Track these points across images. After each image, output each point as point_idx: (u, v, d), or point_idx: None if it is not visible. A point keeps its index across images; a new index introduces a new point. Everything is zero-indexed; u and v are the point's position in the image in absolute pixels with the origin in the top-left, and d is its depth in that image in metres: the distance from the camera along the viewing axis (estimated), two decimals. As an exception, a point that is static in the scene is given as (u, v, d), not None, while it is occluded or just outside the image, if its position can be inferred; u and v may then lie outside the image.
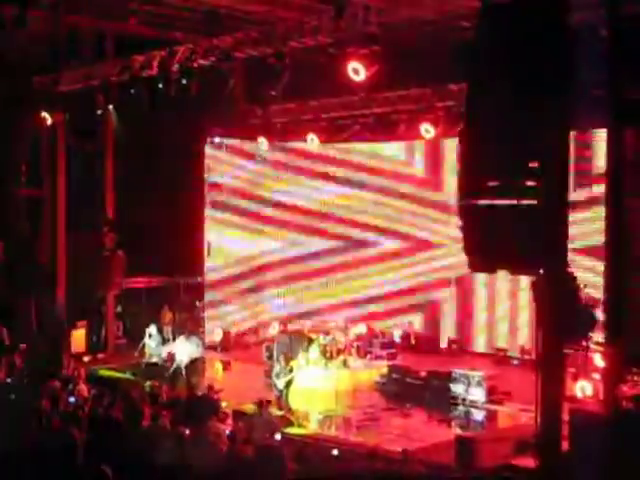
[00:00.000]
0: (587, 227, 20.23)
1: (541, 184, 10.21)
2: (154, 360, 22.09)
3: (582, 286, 15.31)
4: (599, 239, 15.36)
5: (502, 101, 10.51)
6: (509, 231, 10.35)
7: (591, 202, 20.63)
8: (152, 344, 22.73)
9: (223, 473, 11.61)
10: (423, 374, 20.74)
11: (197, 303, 27.04)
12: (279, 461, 12.14)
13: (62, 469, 11.04)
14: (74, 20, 21.35)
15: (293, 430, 17.10)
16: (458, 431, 17.75)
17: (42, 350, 20.82)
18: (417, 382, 20.62)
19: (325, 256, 27.89)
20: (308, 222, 27.90)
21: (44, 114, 22.38)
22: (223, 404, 16.96)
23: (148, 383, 19.27)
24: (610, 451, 11.72)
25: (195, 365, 21.52)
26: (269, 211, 27.72)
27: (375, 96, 21.90)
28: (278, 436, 14.96)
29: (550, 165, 10.48)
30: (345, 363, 21.97)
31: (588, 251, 20.07)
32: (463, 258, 10.83)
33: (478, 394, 19.51)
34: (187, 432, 12.60)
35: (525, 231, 10.33)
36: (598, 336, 16.37)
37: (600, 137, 19.81)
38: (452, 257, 25.00)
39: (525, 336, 23.52)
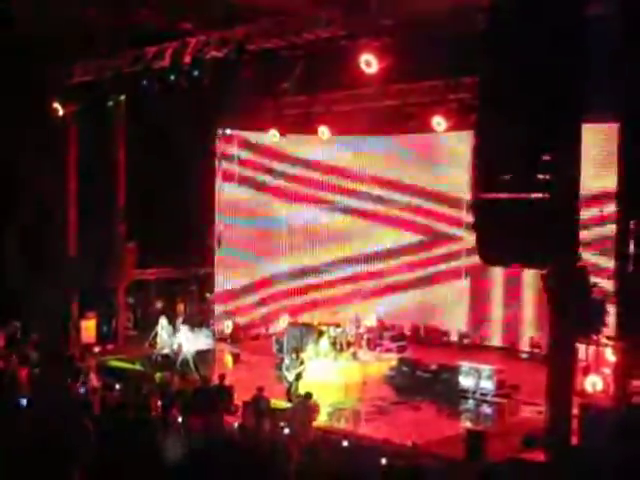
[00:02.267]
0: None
1: (553, 178, 10.20)
2: (165, 351, 22.11)
3: (594, 280, 15.26)
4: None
5: (514, 95, 10.50)
6: (521, 225, 10.35)
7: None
8: (163, 335, 22.75)
9: (229, 462, 11.65)
10: (433, 367, 20.72)
11: (207, 295, 27.04)
12: (285, 453, 12.19)
13: (74, 459, 11.10)
14: (88, 11, 21.30)
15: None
16: (468, 424, 17.75)
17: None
18: (427, 375, 20.60)
19: (337, 248, 27.95)
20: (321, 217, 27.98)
21: (56, 105, 22.40)
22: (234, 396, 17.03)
23: (159, 374, 19.31)
24: (620, 446, 11.72)
25: (205, 357, 21.53)
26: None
27: (387, 89, 21.83)
28: (287, 430, 14.99)
29: (562, 159, 10.47)
30: (355, 356, 21.97)
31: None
32: (475, 252, 10.83)
33: (488, 387, 19.49)
34: (196, 423, 12.65)
35: (537, 224, 10.32)
36: (609, 330, 16.32)
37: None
38: (465, 251, 24.97)
39: (535, 330, 23.46)
